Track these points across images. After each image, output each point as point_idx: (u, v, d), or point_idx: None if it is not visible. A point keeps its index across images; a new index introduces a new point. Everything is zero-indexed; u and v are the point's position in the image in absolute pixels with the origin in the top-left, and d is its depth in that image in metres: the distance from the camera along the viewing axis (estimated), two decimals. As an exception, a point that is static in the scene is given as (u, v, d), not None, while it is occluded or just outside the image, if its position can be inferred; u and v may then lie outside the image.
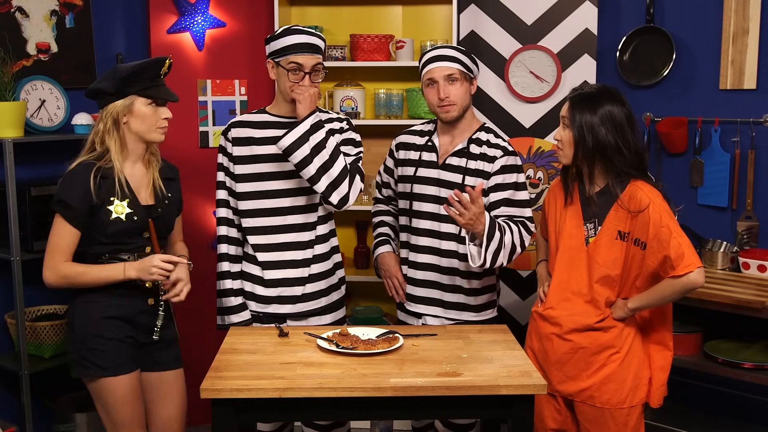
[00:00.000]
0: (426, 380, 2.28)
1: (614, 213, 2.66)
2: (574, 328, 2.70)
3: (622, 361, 2.68)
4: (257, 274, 2.93)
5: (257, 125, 2.94)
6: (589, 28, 3.90)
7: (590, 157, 2.66)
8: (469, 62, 2.93)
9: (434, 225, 2.97)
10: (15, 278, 3.35)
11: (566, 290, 2.74)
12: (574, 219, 2.75)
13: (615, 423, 2.69)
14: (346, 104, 4.03)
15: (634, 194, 2.62)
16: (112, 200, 2.66)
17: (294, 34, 2.80)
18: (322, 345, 2.53)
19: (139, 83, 2.68)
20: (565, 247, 2.76)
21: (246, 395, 2.24)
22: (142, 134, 2.71)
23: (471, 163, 2.93)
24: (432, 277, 2.99)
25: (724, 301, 3.16)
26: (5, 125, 3.35)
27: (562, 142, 2.70)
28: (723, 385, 3.68)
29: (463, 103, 2.92)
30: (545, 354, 2.78)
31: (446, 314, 2.98)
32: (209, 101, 4.07)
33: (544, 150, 3.99)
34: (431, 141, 3.03)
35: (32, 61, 3.66)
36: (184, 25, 4.00)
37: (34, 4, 3.65)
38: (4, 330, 3.60)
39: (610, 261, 2.66)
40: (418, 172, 3.01)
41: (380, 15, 4.19)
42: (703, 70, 3.78)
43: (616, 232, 2.65)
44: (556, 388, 2.76)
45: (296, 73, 2.80)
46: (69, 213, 2.64)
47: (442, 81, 2.88)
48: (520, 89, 3.99)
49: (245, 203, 2.92)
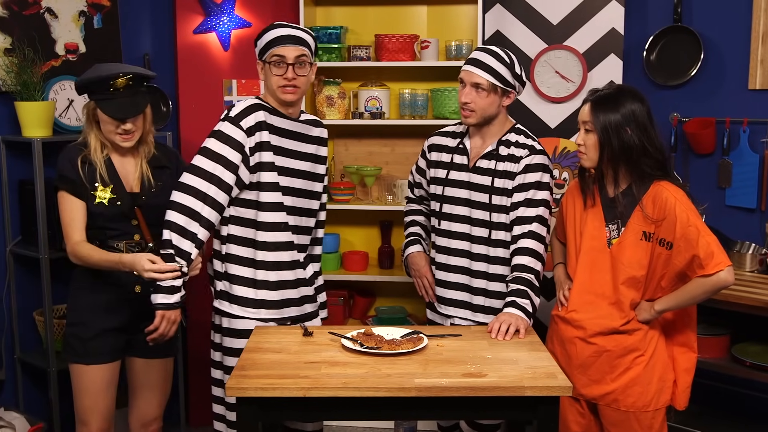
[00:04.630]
0: (450, 381, 2.28)
1: (638, 214, 2.63)
2: (598, 331, 2.68)
3: (647, 364, 2.66)
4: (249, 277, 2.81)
5: (283, 133, 2.82)
6: (615, 28, 3.87)
7: (615, 160, 2.62)
8: (509, 76, 2.82)
9: (465, 228, 2.94)
10: (43, 276, 3.39)
11: (589, 292, 2.71)
12: (596, 221, 2.72)
13: (640, 426, 2.66)
14: (370, 104, 4.03)
15: (659, 194, 2.60)
16: (96, 185, 2.75)
17: (276, 28, 2.76)
18: (346, 345, 2.53)
19: (97, 93, 2.73)
20: (586, 249, 2.73)
21: (271, 394, 2.24)
22: (107, 137, 2.78)
23: (500, 164, 2.89)
24: (462, 279, 2.96)
25: (753, 303, 3.13)
26: (34, 125, 3.39)
27: (585, 146, 2.67)
28: (750, 389, 3.64)
29: (484, 113, 2.85)
30: (568, 358, 2.76)
31: (475, 317, 2.95)
32: (235, 101, 4.10)
33: (570, 150, 3.97)
34: (462, 144, 2.99)
35: (61, 62, 3.70)
36: (210, 25, 4.02)
37: (62, 5, 3.69)
38: (32, 327, 3.65)
39: (635, 262, 2.64)
40: (450, 175, 2.98)
41: (405, 15, 4.19)
42: (731, 70, 3.74)
43: (641, 233, 2.63)
44: (579, 392, 2.74)
45: (279, 65, 2.74)
46: (70, 186, 2.73)
47: (469, 86, 2.84)
48: (545, 89, 3.97)
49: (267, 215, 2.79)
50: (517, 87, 2.88)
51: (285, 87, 2.75)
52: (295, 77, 2.75)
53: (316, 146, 2.93)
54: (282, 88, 2.76)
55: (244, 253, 2.78)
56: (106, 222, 2.77)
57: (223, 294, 2.82)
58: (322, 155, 2.97)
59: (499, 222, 2.89)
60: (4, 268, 3.57)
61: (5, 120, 3.53)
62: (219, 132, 2.72)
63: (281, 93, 2.76)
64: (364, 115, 4.02)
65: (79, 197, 2.74)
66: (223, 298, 2.82)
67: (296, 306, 2.87)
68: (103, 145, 2.80)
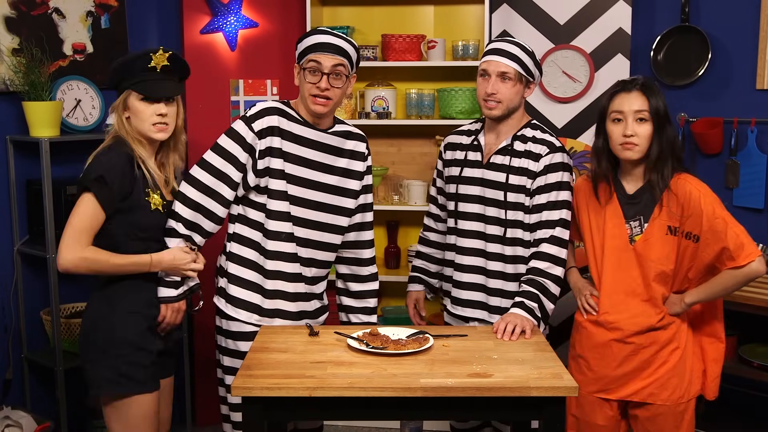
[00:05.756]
0: (456, 381, 2.27)
1: (662, 208, 2.60)
2: (637, 330, 2.64)
3: (681, 356, 2.65)
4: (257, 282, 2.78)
5: (302, 141, 2.74)
6: (622, 28, 3.86)
7: (663, 150, 2.58)
8: (531, 65, 2.81)
9: (479, 226, 2.89)
10: (51, 275, 3.40)
11: (618, 292, 2.67)
12: (614, 218, 2.68)
13: (674, 419, 2.65)
14: (377, 104, 4.03)
15: (683, 188, 2.58)
16: (148, 191, 2.59)
17: (317, 34, 2.67)
18: (352, 344, 2.53)
19: (132, 77, 2.57)
20: (610, 248, 2.68)
21: (276, 394, 2.25)
22: (140, 131, 2.60)
23: (515, 160, 2.83)
24: (478, 279, 2.91)
25: (760, 304, 3.12)
26: (42, 125, 3.40)
27: (639, 137, 2.58)
28: (758, 390, 3.63)
29: (510, 103, 2.80)
30: (603, 361, 2.69)
31: (491, 318, 2.89)
32: (241, 101, 4.10)
33: (577, 150, 3.96)
34: (477, 140, 2.94)
35: (68, 62, 3.71)
36: (217, 25, 4.03)
37: (70, 6, 3.70)
38: (39, 327, 3.66)
39: (663, 257, 2.61)
40: (464, 173, 2.92)
41: (412, 15, 4.19)
42: (739, 70, 3.72)
43: (666, 228, 2.60)
44: (614, 394, 2.69)
45: (314, 73, 2.65)
46: (105, 193, 2.48)
47: (494, 76, 2.78)
48: (552, 89, 3.96)
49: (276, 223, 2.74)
50: (537, 76, 2.86)
51: (316, 97, 2.67)
52: (329, 88, 2.65)
53: (348, 160, 2.81)
54: (313, 97, 2.67)
55: (245, 253, 2.76)
56: (159, 233, 2.60)
57: (221, 291, 2.81)
58: (355, 170, 2.84)
59: (516, 220, 2.83)
60: (12, 268, 3.59)
61: (13, 120, 3.54)
62: (232, 129, 2.72)
63: (311, 102, 2.68)
64: (370, 115, 4.02)
65: (105, 209, 2.50)
66: (221, 295, 2.81)
67: (292, 320, 2.81)
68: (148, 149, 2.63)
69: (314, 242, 2.79)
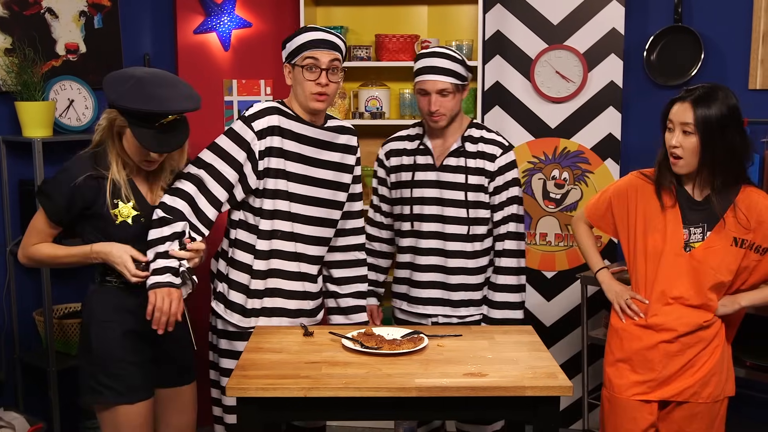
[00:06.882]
0: (451, 381, 2.28)
1: (730, 219, 2.57)
2: (687, 331, 2.62)
3: (721, 353, 2.66)
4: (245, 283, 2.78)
5: (303, 139, 2.76)
6: (615, 28, 3.87)
7: (716, 163, 2.51)
8: (463, 71, 2.89)
9: (438, 227, 2.97)
10: (43, 276, 3.39)
11: (667, 296, 2.65)
12: (674, 223, 2.63)
13: (710, 416, 2.65)
14: (371, 104, 4.03)
15: (754, 200, 2.56)
16: (116, 203, 2.51)
17: (310, 32, 2.70)
18: (346, 345, 2.53)
19: (136, 119, 2.41)
20: (667, 252, 2.63)
21: (271, 394, 2.24)
22: (130, 154, 2.52)
23: (470, 161, 2.94)
24: (436, 278, 2.99)
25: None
26: (34, 125, 3.39)
27: (684, 150, 2.53)
28: (750, 389, 3.63)
29: (452, 113, 2.93)
30: (647, 364, 2.66)
31: (457, 312, 3.00)
32: (235, 101, 4.10)
33: (570, 150, 3.97)
34: (423, 144, 3.01)
35: (61, 62, 3.70)
36: (211, 25, 4.02)
37: (63, 5, 3.69)
38: (32, 327, 3.65)
39: (724, 267, 2.59)
40: (416, 176, 2.99)
41: (405, 15, 4.19)
42: (732, 70, 3.74)
43: (731, 239, 2.58)
44: (656, 394, 2.67)
45: (312, 70, 2.67)
46: (48, 205, 2.51)
47: (434, 94, 2.86)
48: (545, 89, 3.97)
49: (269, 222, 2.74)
50: (469, 77, 2.95)
51: (317, 95, 2.68)
52: (328, 83, 2.69)
53: (341, 154, 2.85)
54: (314, 95, 2.68)
55: (246, 259, 2.76)
56: (135, 244, 2.50)
57: (220, 296, 2.81)
58: (348, 163, 2.87)
59: (477, 217, 2.96)
60: (4, 268, 3.57)
61: (5, 120, 3.53)
62: (230, 129, 2.72)
63: (312, 101, 2.70)
64: (364, 115, 4.02)
65: (49, 217, 2.51)
66: (219, 300, 2.81)
67: (291, 317, 2.81)
68: (125, 163, 2.54)
69: (311, 238, 2.81)
